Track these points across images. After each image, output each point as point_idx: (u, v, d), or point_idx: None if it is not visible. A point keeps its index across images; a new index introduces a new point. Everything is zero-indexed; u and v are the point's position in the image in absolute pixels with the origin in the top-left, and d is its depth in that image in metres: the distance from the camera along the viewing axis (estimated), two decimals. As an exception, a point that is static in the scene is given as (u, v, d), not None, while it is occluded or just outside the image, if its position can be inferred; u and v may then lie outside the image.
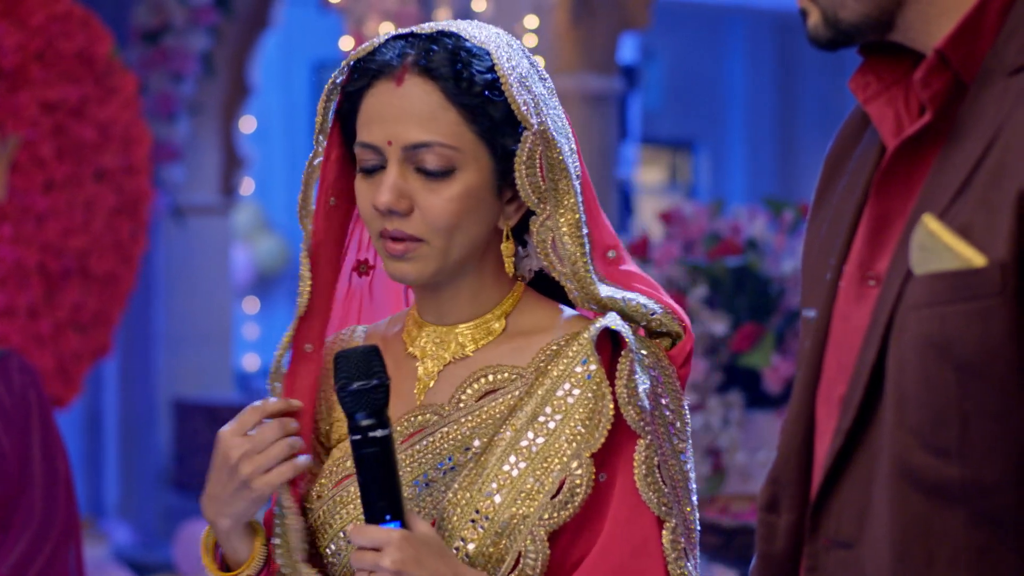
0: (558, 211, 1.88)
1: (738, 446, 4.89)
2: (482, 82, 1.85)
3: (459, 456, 1.88)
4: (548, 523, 1.83)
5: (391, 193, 1.85)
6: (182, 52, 8.40)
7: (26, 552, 2.97)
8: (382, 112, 1.86)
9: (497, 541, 1.83)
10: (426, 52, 1.85)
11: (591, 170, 2.03)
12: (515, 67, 1.87)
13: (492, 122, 1.85)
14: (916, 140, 1.57)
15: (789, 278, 4.91)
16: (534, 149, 1.86)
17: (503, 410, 1.88)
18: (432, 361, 1.94)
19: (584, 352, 1.87)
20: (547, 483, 1.83)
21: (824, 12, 1.60)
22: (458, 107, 1.84)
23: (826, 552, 1.60)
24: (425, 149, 1.84)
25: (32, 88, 6.02)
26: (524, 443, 1.85)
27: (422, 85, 1.85)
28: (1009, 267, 1.45)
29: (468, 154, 1.86)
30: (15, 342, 5.98)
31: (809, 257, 1.72)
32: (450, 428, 1.89)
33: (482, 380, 1.91)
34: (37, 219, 6.10)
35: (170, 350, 8.97)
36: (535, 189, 1.86)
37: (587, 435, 1.84)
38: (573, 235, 1.88)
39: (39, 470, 3.02)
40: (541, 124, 1.86)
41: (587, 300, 1.90)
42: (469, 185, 1.86)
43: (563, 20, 6.54)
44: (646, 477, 1.85)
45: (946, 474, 1.49)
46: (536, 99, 1.88)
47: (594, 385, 1.85)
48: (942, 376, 1.48)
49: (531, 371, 1.89)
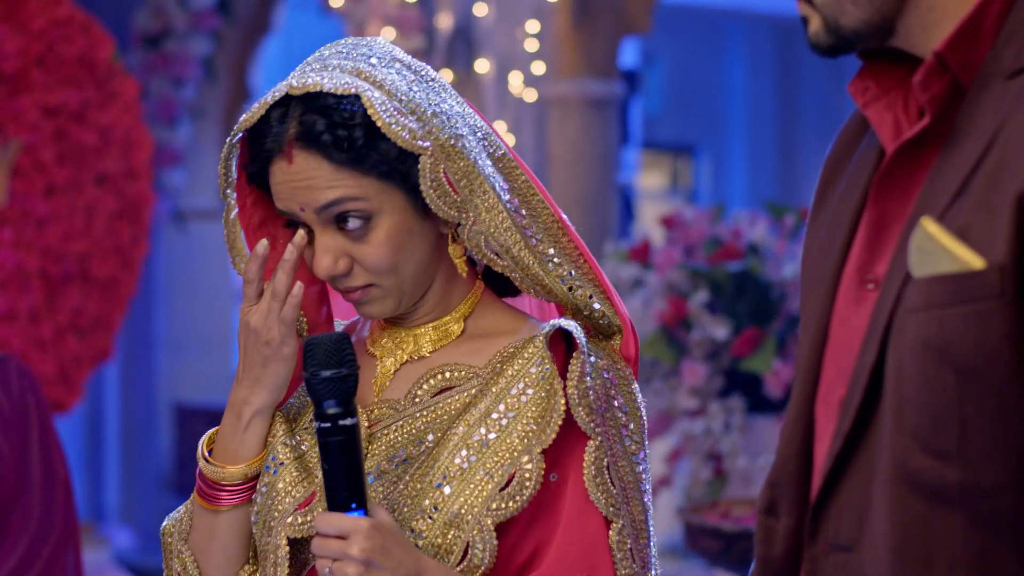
0: (481, 214, 1.89)
1: (739, 451, 4.89)
2: (361, 136, 1.86)
3: (412, 449, 1.90)
4: (496, 514, 1.85)
5: (328, 258, 1.89)
6: (183, 56, 8.41)
7: (24, 556, 2.96)
8: (286, 187, 1.89)
9: (446, 532, 1.85)
10: (303, 123, 1.87)
11: (591, 175, 2.04)
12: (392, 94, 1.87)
13: (388, 163, 1.87)
14: (915, 143, 1.57)
15: (790, 283, 4.91)
16: (436, 169, 1.87)
17: (458, 407, 1.91)
18: (390, 360, 1.98)
19: (540, 353, 1.90)
20: (496, 476, 1.85)
21: (825, 19, 1.60)
22: (348, 166, 1.87)
23: (825, 555, 1.60)
24: (336, 206, 1.87)
25: (33, 92, 6.02)
26: (476, 438, 1.88)
27: (309, 158, 1.87)
28: (1008, 269, 1.45)
29: (377, 199, 1.88)
30: (16, 346, 5.99)
31: (808, 260, 1.72)
32: (404, 422, 1.92)
33: (438, 377, 1.94)
34: (38, 223, 6.10)
35: (171, 354, 8.97)
36: (451, 205, 1.88)
37: (538, 432, 1.86)
38: (505, 227, 1.90)
39: (37, 474, 3.02)
40: (435, 140, 1.87)
41: (532, 284, 1.93)
42: (392, 225, 1.89)
43: (564, 24, 6.54)
44: (595, 478, 1.87)
45: (945, 477, 1.49)
46: (424, 115, 1.87)
47: (547, 384, 1.88)
48: (941, 379, 1.48)
49: (487, 371, 1.92)
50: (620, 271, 5.14)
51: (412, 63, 1.94)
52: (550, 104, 6.58)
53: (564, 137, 6.51)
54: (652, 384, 5.05)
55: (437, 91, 1.92)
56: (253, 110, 1.89)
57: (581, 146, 6.48)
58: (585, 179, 6.43)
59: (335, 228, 1.89)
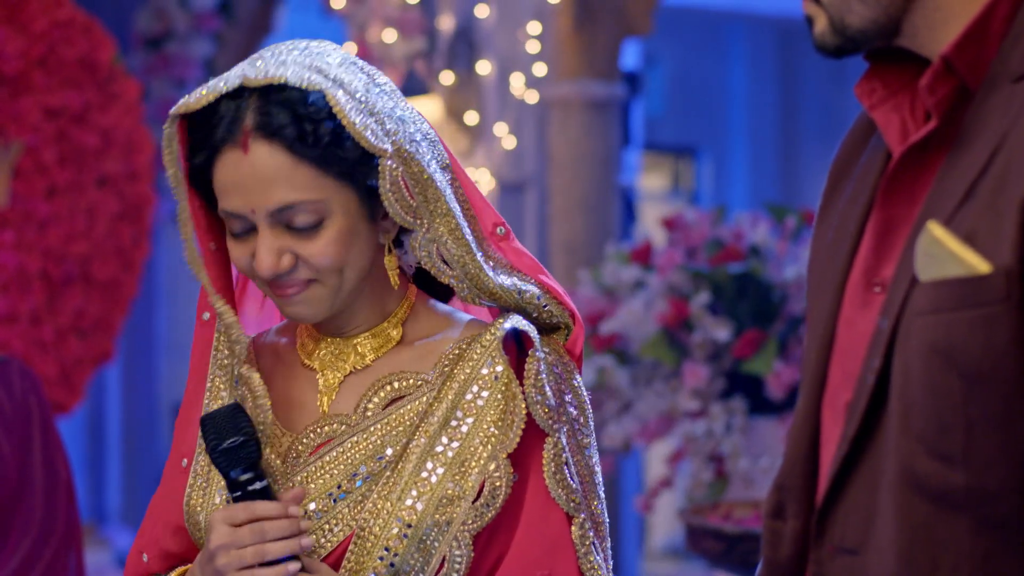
0: (435, 220, 1.88)
1: (740, 453, 4.89)
2: (326, 132, 1.82)
3: (372, 465, 1.88)
4: (472, 527, 1.85)
5: (271, 257, 1.84)
6: (185, 58, 8.41)
7: (26, 557, 2.96)
8: (237, 182, 1.84)
9: (421, 547, 1.85)
10: (264, 114, 1.82)
11: (593, 177, 2.04)
12: (353, 95, 1.84)
13: (347, 163, 1.84)
14: (922, 146, 1.57)
15: (792, 284, 4.91)
16: (395, 174, 1.84)
17: (412, 417, 1.89)
18: (332, 372, 1.95)
19: (488, 354, 1.89)
20: (466, 487, 1.85)
21: (831, 18, 1.60)
22: (309, 161, 1.82)
23: (831, 559, 1.60)
24: (290, 211, 1.84)
25: (35, 94, 6.02)
26: (439, 448, 1.87)
27: (268, 149, 1.82)
28: (1014, 274, 1.45)
29: (332, 200, 1.85)
30: (17, 348, 5.99)
31: (815, 263, 1.72)
32: (359, 437, 1.90)
33: (387, 388, 1.91)
34: (39, 225, 6.10)
35: (172, 356, 8.97)
36: (407, 209, 1.85)
37: (501, 436, 1.86)
38: (456, 238, 1.88)
39: (39, 475, 3.02)
40: (394, 144, 1.84)
41: (481, 295, 1.91)
42: (342, 226, 1.86)
43: (565, 26, 6.54)
44: (555, 475, 1.88)
45: (951, 481, 1.48)
46: (382, 118, 1.85)
47: (502, 386, 1.87)
48: (947, 383, 1.48)
49: (436, 376, 1.90)
50: (621, 273, 5.14)
51: (365, 66, 1.91)
52: (551, 106, 6.58)
53: (565, 139, 6.51)
54: (653, 385, 5.05)
55: (391, 96, 1.89)
56: (199, 95, 1.84)
57: (582, 148, 6.48)
58: (586, 181, 6.42)
59: (282, 227, 1.85)
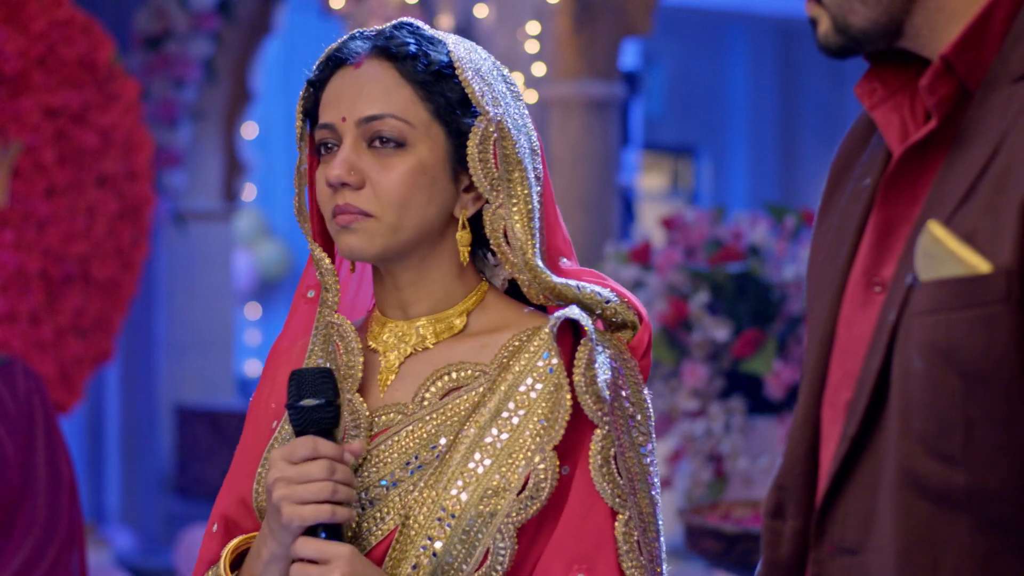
0: (511, 200, 1.90)
1: (740, 452, 4.89)
2: (437, 62, 1.89)
3: (425, 454, 1.89)
4: (516, 520, 1.84)
5: (343, 167, 1.88)
6: (184, 58, 8.41)
7: (29, 557, 2.96)
8: (339, 93, 1.91)
9: (465, 539, 1.84)
10: (386, 38, 1.91)
11: (592, 176, 2.05)
12: (474, 60, 1.91)
13: (447, 101, 1.89)
14: (922, 146, 1.57)
15: (791, 284, 4.91)
16: (488, 135, 1.89)
17: (467, 407, 1.89)
18: (393, 354, 1.95)
19: (545, 346, 1.89)
20: (512, 479, 1.84)
21: (834, 19, 1.60)
22: (412, 84, 1.88)
23: (831, 558, 1.60)
24: (378, 121, 1.88)
25: (34, 94, 6.02)
26: (488, 440, 1.86)
27: (379, 65, 1.89)
28: (1014, 273, 1.45)
29: (421, 130, 1.89)
30: (17, 348, 5.99)
31: (815, 263, 1.72)
32: (414, 427, 1.90)
33: (445, 378, 1.92)
34: (39, 225, 6.10)
35: (172, 356, 8.97)
36: (487, 175, 1.89)
37: (548, 428, 1.85)
38: (524, 225, 1.90)
39: (43, 475, 3.02)
40: (498, 114, 1.90)
41: (541, 289, 1.91)
42: (421, 161, 1.89)
43: (565, 26, 6.54)
44: (601, 468, 1.85)
45: (951, 480, 1.49)
46: (495, 93, 1.91)
47: (555, 378, 1.87)
48: (947, 382, 1.48)
49: (494, 368, 1.90)
50: (620, 272, 5.14)
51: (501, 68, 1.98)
52: (551, 105, 6.58)
53: (565, 138, 6.51)
54: (653, 385, 5.05)
55: (513, 95, 1.96)
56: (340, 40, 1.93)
57: (582, 147, 6.48)
58: (586, 180, 6.42)
59: (365, 145, 1.89)
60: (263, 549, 1.87)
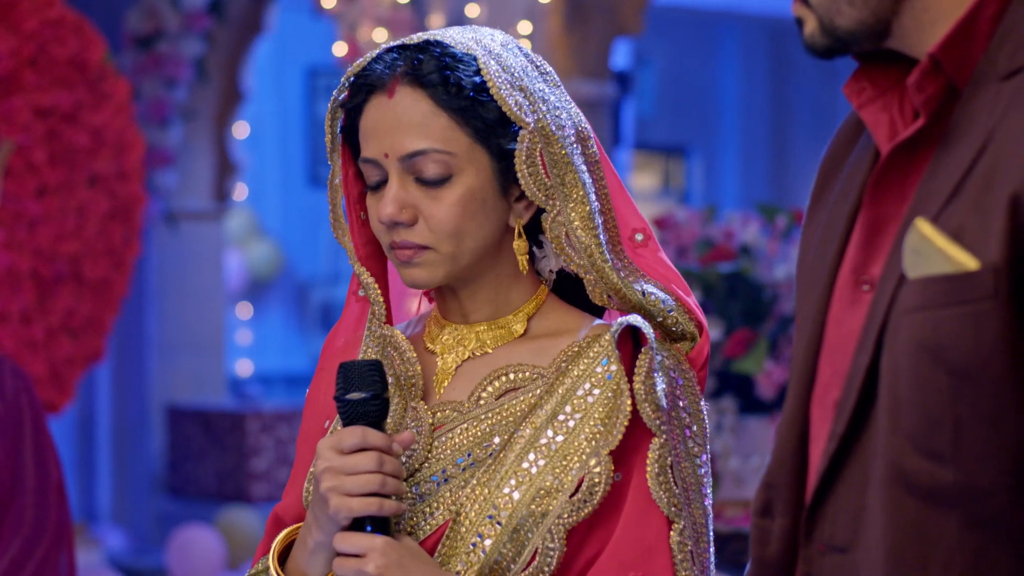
0: (568, 205, 1.89)
1: (731, 452, 4.89)
2: (470, 85, 1.86)
3: (478, 452, 1.88)
4: (567, 521, 1.83)
5: (394, 205, 1.87)
6: (175, 58, 8.40)
7: (16, 557, 2.96)
8: (377, 125, 1.89)
9: (515, 537, 1.84)
10: (414, 62, 1.88)
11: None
12: (506, 68, 1.89)
13: (484, 123, 1.87)
14: (910, 145, 1.57)
15: (782, 284, 4.91)
16: (533, 147, 1.87)
17: (523, 408, 1.89)
18: (451, 356, 1.95)
19: (605, 352, 1.88)
20: (566, 481, 1.84)
21: (820, 20, 1.60)
22: (448, 111, 1.86)
23: (820, 557, 1.59)
24: (421, 157, 1.86)
25: (25, 94, 6.01)
26: (543, 441, 1.86)
27: (412, 94, 1.87)
28: (1002, 271, 1.45)
29: (464, 157, 1.87)
30: (8, 347, 5.98)
31: (804, 262, 1.72)
32: (469, 424, 1.90)
33: (503, 378, 1.91)
34: (30, 224, 6.10)
35: (163, 356, 8.96)
36: (540, 186, 1.88)
37: (605, 433, 1.84)
38: (586, 227, 1.89)
39: (31, 476, 3.01)
40: (538, 121, 1.88)
41: (607, 290, 1.90)
42: (469, 188, 1.88)
43: (556, 26, 6.54)
44: (658, 476, 1.84)
45: (940, 478, 1.49)
46: (532, 96, 1.89)
47: (614, 384, 1.86)
48: (935, 380, 1.48)
49: (552, 371, 1.90)
50: (612, 272, 5.14)
51: (533, 56, 1.96)
52: (542, 105, 6.57)
53: (556, 138, 6.50)
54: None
55: (548, 82, 1.94)
56: (365, 57, 1.91)
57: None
58: (577, 180, 6.41)
59: (412, 179, 1.88)
60: (308, 538, 1.87)
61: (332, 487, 1.81)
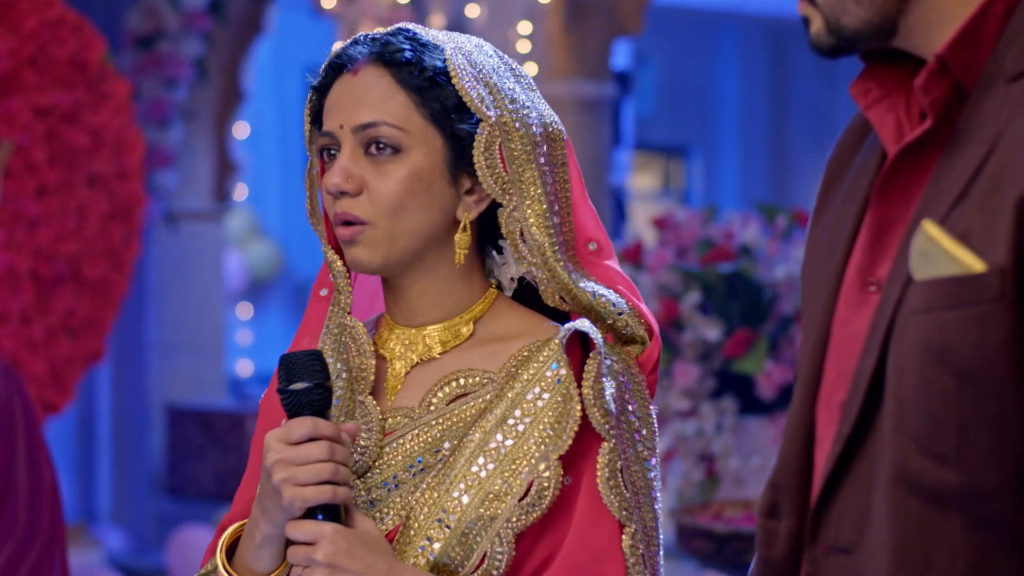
0: (524, 202, 1.90)
1: (731, 452, 4.89)
2: (432, 68, 1.89)
3: (429, 458, 1.89)
4: (516, 525, 1.84)
5: (340, 174, 1.89)
6: (175, 58, 8.40)
7: (9, 561, 2.95)
8: (338, 101, 1.92)
9: (463, 541, 1.84)
10: (382, 44, 1.91)
11: (584, 176, 2.03)
12: (473, 63, 1.91)
13: (442, 107, 1.89)
14: (917, 146, 1.57)
15: (782, 284, 4.91)
16: (492, 140, 1.89)
17: (473, 413, 1.89)
18: (400, 362, 1.96)
19: (554, 357, 1.88)
20: (515, 485, 1.84)
21: (826, 19, 1.60)
22: (407, 90, 1.89)
23: (825, 558, 1.59)
24: (372, 129, 1.89)
25: (25, 94, 6.01)
26: (493, 445, 1.86)
27: (375, 72, 1.90)
28: (1008, 273, 1.45)
29: (416, 136, 1.89)
30: (7, 348, 5.98)
31: (810, 263, 1.72)
32: (420, 431, 1.90)
33: (453, 384, 1.92)
34: (29, 225, 6.09)
35: (163, 356, 8.96)
36: (497, 179, 1.89)
37: (555, 437, 1.85)
38: (540, 225, 1.90)
39: (23, 478, 3.00)
40: (501, 116, 1.89)
41: (558, 290, 1.91)
42: (417, 168, 1.89)
43: (556, 26, 6.54)
44: (609, 480, 1.85)
45: (944, 479, 1.48)
46: (498, 93, 1.90)
47: (564, 388, 1.86)
48: (941, 382, 1.48)
49: (502, 375, 1.90)
50: (613, 272, 5.14)
51: (508, 59, 1.98)
52: (542, 105, 6.57)
53: (556, 138, 6.50)
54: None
55: (523, 85, 1.95)
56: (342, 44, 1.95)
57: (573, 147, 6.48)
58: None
59: (362, 152, 1.90)
60: (256, 532, 1.88)
61: (285, 478, 1.82)
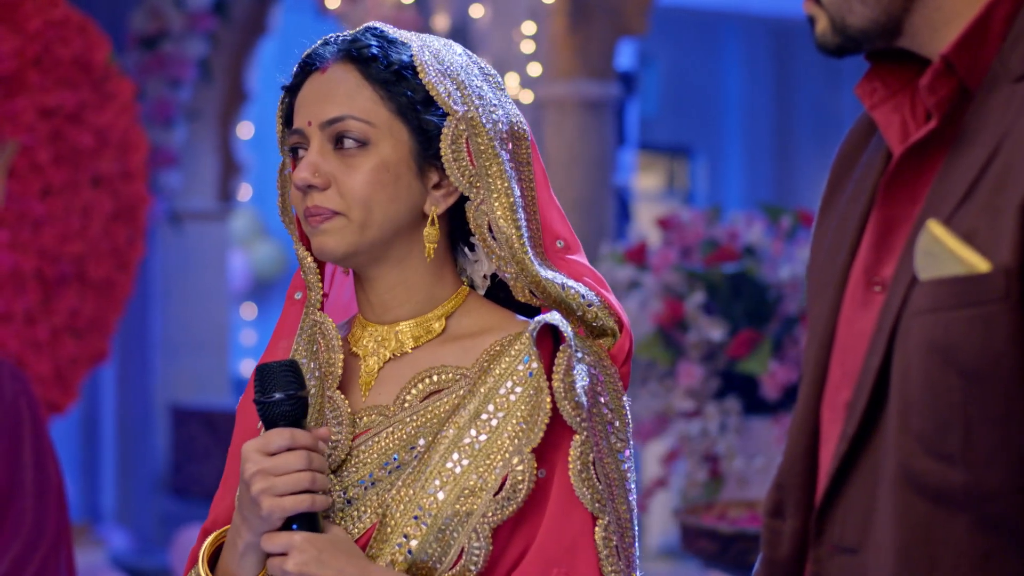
0: (491, 195, 1.92)
1: (735, 452, 4.89)
2: (398, 62, 1.91)
3: (404, 455, 1.90)
4: (492, 520, 1.85)
5: (308, 169, 1.91)
6: (180, 58, 8.41)
7: (16, 561, 2.95)
8: (307, 98, 1.94)
9: (440, 537, 1.85)
10: (350, 42, 1.94)
11: (588, 177, 2.05)
12: (440, 60, 1.93)
13: (409, 100, 1.91)
14: (922, 146, 1.57)
15: (786, 284, 4.91)
16: (459, 134, 1.91)
17: (447, 409, 1.91)
18: (373, 359, 1.97)
19: (526, 350, 1.89)
20: (490, 480, 1.86)
21: (832, 18, 1.60)
22: (374, 84, 1.91)
23: (830, 558, 1.60)
24: (340, 123, 1.91)
25: (29, 94, 6.01)
26: (467, 440, 1.88)
27: (343, 68, 1.92)
28: (1013, 272, 1.45)
29: (383, 130, 1.91)
30: (12, 348, 5.98)
31: (815, 263, 1.72)
32: (395, 428, 1.92)
33: (427, 380, 1.93)
34: (34, 225, 6.10)
35: (167, 356, 8.97)
36: (464, 172, 1.91)
37: (528, 431, 1.86)
38: (507, 218, 1.91)
39: (29, 478, 3.00)
40: (468, 111, 1.91)
41: (528, 284, 1.92)
42: (384, 160, 1.91)
43: (561, 26, 6.54)
44: (580, 473, 1.86)
45: (950, 479, 1.49)
46: (466, 89, 1.93)
47: (535, 382, 1.87)
48: (946, 382, 1.48)
49: (474, 371, 1.91)
50: (616, 272, 5.14)
51: (478, 59, 2.00)
52: (546, 106, 6.58)
53: (560, 139, 6.51)
54: (648, 385, 5.05)
55: (491, 84, 1.98)
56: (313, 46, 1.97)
57: (577, 148, 6.48)
58: (581, 181, 6.42)
59: (330, 148, 1.92)
60: (238, 540, 1.90)
61: (263, 489, 1.84)
